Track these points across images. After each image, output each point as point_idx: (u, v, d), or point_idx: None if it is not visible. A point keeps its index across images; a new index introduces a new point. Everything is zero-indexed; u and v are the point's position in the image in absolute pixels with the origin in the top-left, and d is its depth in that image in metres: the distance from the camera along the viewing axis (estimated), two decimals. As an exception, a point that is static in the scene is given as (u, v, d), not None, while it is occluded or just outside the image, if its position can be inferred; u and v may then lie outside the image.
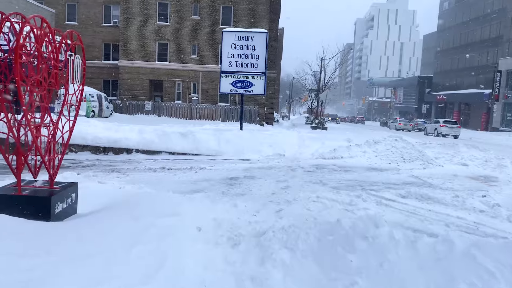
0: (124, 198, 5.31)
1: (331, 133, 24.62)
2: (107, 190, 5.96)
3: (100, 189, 6.02)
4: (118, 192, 5.77)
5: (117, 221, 3.88)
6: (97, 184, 6.45)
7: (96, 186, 6.14)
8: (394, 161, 13.22)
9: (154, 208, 4.60)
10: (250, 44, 15.10)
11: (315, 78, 39.24)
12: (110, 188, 6.23)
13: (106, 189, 6.05)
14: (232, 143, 13.26)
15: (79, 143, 12.68)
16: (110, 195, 5.61)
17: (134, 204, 4.79)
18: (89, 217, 4.14)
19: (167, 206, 4.75)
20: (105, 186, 6.28)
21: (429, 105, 66.71)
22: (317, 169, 10.95)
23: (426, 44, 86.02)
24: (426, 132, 37.19)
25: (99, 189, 5.95)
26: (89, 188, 6.04)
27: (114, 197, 5.46)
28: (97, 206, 4.91)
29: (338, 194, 7.49)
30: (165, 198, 5.24)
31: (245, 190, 7.64)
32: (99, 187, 6.12)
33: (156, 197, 5.41)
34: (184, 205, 5.01)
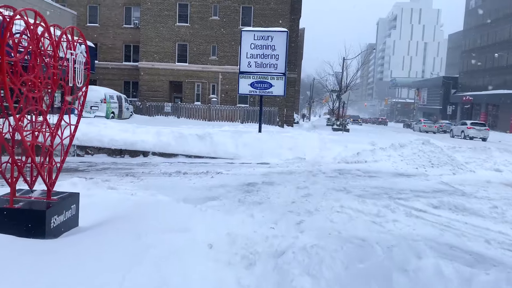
0: (131, 208, 4.91)
1: (354, 135, 23.91)
2: (115, 199, 5.58)
3: (108, 197, 5.65)
4: (126, 201, 5.38)
5: (117, 238, 3.47)
6: (106, 191, 6.08)
7: (104, 194, 5.77)
8: (422, 165, 12.52)
9: (162, 222, 4.17)
10: (270, 44, 14.62)
11: (337, 78, 38.43)
12: (119, 196, 5.85)
13: (114, 197, 5.67)
14: (250, 146, 12.81)
15: (96, 146, 12.47)
16: (117, 204, 5.22)
17: (141, 216, 4.38)
18: (87, 233, 3.74)
19: (176, 219, 4.32)
20: (114, 194, 5.90)
21: (454, 106, 64.78)
22: (339, 175, 10.38)
23: (452, 44, 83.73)
24: (452, 134, 35.91)
25: (107, 197, 5.58)
26: (97, 196, 5.68)
27: (121, 207, 5.07)
28: (101, 217, 4.52)
29: (363, 204, 6.92)
30: (175, 209, 4.81)
31: (263, 198, 7.16)
32: (107, 195, 5.75)
33: (166, 208, 4.99)
34: (196, 218, 4.57)
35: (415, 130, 45.87)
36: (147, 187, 7.74)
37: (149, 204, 5.35)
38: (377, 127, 56.01)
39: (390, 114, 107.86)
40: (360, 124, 56.01)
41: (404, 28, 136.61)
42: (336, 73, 38.67)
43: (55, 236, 3.61)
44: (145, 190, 7.43)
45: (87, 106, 22.44)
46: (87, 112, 22.23)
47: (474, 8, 64.64)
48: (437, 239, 5.43)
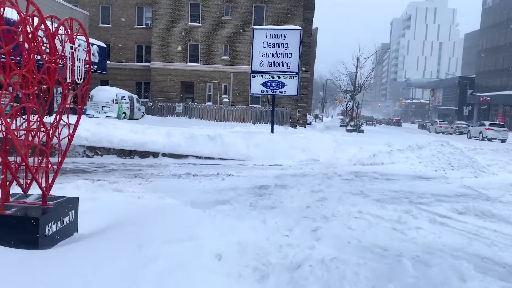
0: (136, 213, 4.59)
1: (368, 136, 23.37)
2: (120, 202, 5.28)
3: (113, 200, 5.34)
4: (131, 205, 5.07)
5: (117, 249, 3.15)
6: (112, 194, 5.78)
7: (109, 197, 5.47)
8: (441, 168, 12.01)
9: (167, 229, 3.84)
10: (283, 42, 14.22)
11: (351, 78, 37.82)
12: (124, 200, 5.55)
13: (119, 201, 5.37)
14: (262, 147, 12.44)
15: (105, 146, 12.25)
16: (122, 209, 4.91)
17: (145, 222, 4.05)
18: (85, 243, 3.43)
19: (183, 226, 3.98)
20: (119, 197, 5.60)
21: (471, 107, 63.45)
22: (356, 177, 9.95)
23: (468, 43, 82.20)
24: (469, 135, 35.02)
25: (112, 201, 5.27)
26: (102, 199, 5.38)
27: (126, 211, 4.76)
28: (103, 223, 4.21)
29: (383, 209, 6.51)
30: (182, 214, 4.48)
31: (275, 202, 6.79)
32: (113, 198, 5.44)
33: (172, 212, 4.66)
34: (203, 224, 4.22)
35: (431, 131, 44.94)
36: (155, 190, 7.44)
37: (155, 208, 5.02)
38: (391, 128, 55.10)
39: (404, 115, 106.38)
40: (374, 125, 55.15)
41: (418, 28, 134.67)
42: (350, 73, 38.06)
43: (50, 245, 3.30)
44: (153, 192, 7.13)
45: (98, 106, 22.36)
46: (99, 113, 22.14)
47: (491, 6, 63.25)
48: (466, 249, 5.01)
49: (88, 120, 13.66)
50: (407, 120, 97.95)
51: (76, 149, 12.19)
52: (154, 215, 4.46)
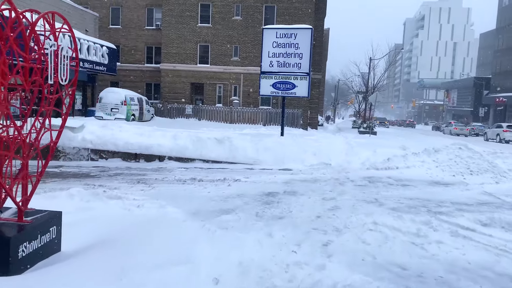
0: (129, 227, 4.21)
1: (382, 138, 22.75)
2: (115, 213, 4.90)
3: (107, 211, 4.97)
4: (126, 217, 4.69)
5: (99, 274, 2.75)
6: (107, 203, 5.41)
7: (104, 207, 5.10)
8: (459, 173, 11.44)
9: (160, 248, 3.44)
10: (293, 42, 13.76)
11: (363, 79, 37.13)
12: (120, 211, 5.17)
13: (114, 211, 4.99)
14: (271, 151, 12.01)
15: (110, 149, 11.95)
16: (116, 221, 4.54)
17: (136, 239, 3.66)
18: (65, 265, 3.05)
19: (179, 244, 3.58)
20: (115, 208, 5.23)
21: (486, 108, 62.05)
22: (369, 183, 9.45)
23: (483, 43, 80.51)
24: (486, 137, 34.06)
25: (106, 212, 4.90)
26: (96, 210, 5.02)
27: (119, 224, 4.38)
28: (91, 239, 3.83)
29: (400, 220, 6.02)
30: (180, 229, 4.08)
31: (284, 211, 6.35)
32: (108, 209, 5.07)
33: (169, 227, 4.26)
34: (202, 242, 3.82)
35: (445, 133, 43.99)
36: (158, 197, 7.06)
37: (151, 221, 4.63)
38: (404, 129, 54.18)
39: (418, 116, 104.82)
40: (387, 127, 54.27)
41: (432, 28, 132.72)
42: (363, 73, 37.37)
43: (23, 269, 2.92)
44: (155, 200, 6.75)
45: (107, 108, 22.17)
46: (107, 114, 21.95)
47: (507, 5, 61.83)
48: (494, 268, 4.51)
49: (94, 123, 13.40)
50: (421, 121, 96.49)
51: (80, 152, 11.91)
52: (148, 230, 4.06)
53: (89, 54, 22.05)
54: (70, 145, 11.87)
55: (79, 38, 21.10)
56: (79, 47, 20.98)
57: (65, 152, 11.89)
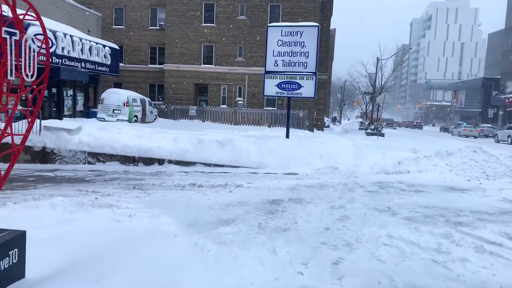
0: (112, 244, 3.69)
1: (390, 140, 22.09)
2: (99, 227, 4.38)
3: (91, 224, 4.45)
4: (111, 232, 4.17)
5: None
6: (92, 214, 4.89)
7: (89, 219, 4.59)
8: (474, 177, 10.83)
9: (143, 270, 2.89)
10: (299, 40, 13.20)
11: (371, 80, 36.45)
12: (106, 222, 4.65)
13: (99, 224, 4.47)
14: (276, 154, 11.46)
15: (108, 152, 11.47)
16: (99, 236, 4.01)
17: (117, 261, 3.14)
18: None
19: (166, 265, 3.04)
20: (100, 219, 4.71)
21: (496, 109, 61.02)
22: (380, 189, 8.88)
23: (491, 44, 79.31)
24: (497, 139, 33.22)
25: (90, 225, 4.38)
26: (79, 222, 4.50)
27: (102, 240, 3.86)
28: (65, 260, 3.31)
29: (417, 232, 5.45)
30: (169, 247, 3.55)
31: (288, 222, 5.80)
32: (92, 221, 4.56)
33: (158, 244, 3.73)
34: (192, 263, 3.28)
35: (454, 134, 43.10)
36: (153, 204, 6.54)
37: (140, 235, 4.10)
38: (411, 130, 53.33)
39: (425, 117, 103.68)
40: (394, 128, 53.38)
41: (439, 28, 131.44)
42: (370, 74, 36.68)
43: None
44: (149, 208, 6.23)
45: (109, 109, 21.76)
46: (109, 116, 21.53)
47: (517, 5, 60.80)
48: (529, 292, 3.93)
49: (92, 124, 12.93)
50: (428, 122, 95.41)
51: (77, 155, 11.45)
52: (133, 247, 3.53)
53: (91, 55, 21.66)
54: (67, 148, 11.41)
55: (81, 38, 20.71)
56: (81, 48, 20.60)
57: (61, 155, 11.43)
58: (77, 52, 20.33)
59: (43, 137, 11.49)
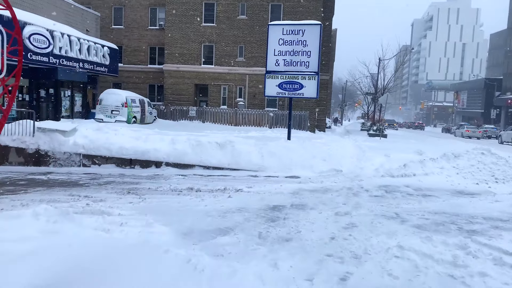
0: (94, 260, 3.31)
1: (393, 141, 21.72)
2: (84, 239, 4.01)
3: (76, 236, 4.08)
4: (95, 246, 3.79)
5: None
6: (78, 224, 4.51)
7: (73, 231, 4.21)
8: (483, 181, 10.45)
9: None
10: (301, 39, 12.82)
11: (373, 80, 36.05)
12: (93, 233, 4.28)
13: (83, 236, 4.10)
14: (277, 156, 11.08)
15: (103, 155, 11.10)
16: (81, 250, 3.64)
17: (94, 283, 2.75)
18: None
19: (151, 290, 2.66)
20: (86, 230, 4.33)
21: (498, 109, 60.58)
22: (386, 193, 8.49)
23: (494, 44, 78.89)
24: (501, 140, 32.81)
25: (75, 237, 4.01)
26: (62, 234, 4.12)
27: (85, 256, 3.49)
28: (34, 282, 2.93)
29: (429, 242, 5.07)
30: (159, 264, 3.17)
31: (291, 231, 5.41)
32: (77, 232, 4.18)
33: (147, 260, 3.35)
34: (185, 283, 2.89)
35: (457, 135, 42.71)
36: (146, 211, 6.18)
37: (127, 249, 3.73)
38: (413, 131, 52.89)
39: (426, 118, 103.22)
40: (396, 129, 52.96)
41: (440, 29, 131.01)
42: (372, 74, 36.27)
43: None
44: (142, 216, 5.87)
45: (107, 110, 21.40)
46: (108, 117, 21.17)
47: (519, 5, 60.36)
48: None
49: (88, 126, 12.57)
50: (429, 123, 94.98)
51: (72, 157, 11.08)
52: (117, 265, 3.16)
53: (89, 55, 21.32)
54: (61, 150, 11.04)
55: (79, 38, 20.36)
56: (79, 48, 20.25)
57: (56, 158, 11.06)
58: (75, 52, 19.99)
59: (37, 138, 11.13)
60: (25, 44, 16.94)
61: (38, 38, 17.64)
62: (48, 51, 18.12)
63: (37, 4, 20.17)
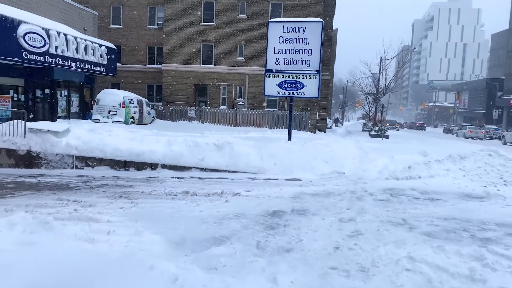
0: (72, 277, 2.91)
1: (396, 142, 21.32)
2: (63, 250, 3.61)
3: (54, 247, 3.69)
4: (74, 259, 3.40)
5: None
6: (59, 234, 4.12)
7: (52, 241, 3.83)
8: (491, 183, 10.03)
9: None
10: (302, 37, 12.42)
11: (374, 80, 35.65)
12: (74, 244, 3.89)
13: (64, 247, 3.71)
14: (277, 158, 10.68)
15: (97, 156, 10.71)
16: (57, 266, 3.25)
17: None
18: None
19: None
20: (68, 240, 3.94)
21: (500, 110, 60.14)
22: (391, 197, 8.09)
23: (495, 44, 78.49)
24: (504, 141, 32.40)
25: (51, 249, 3.62)
26: (38, 245, 3.73)
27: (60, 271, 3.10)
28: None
29: (442, 252, 4.67)
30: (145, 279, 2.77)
31: (292, 240, 5.02)
32: (55, 243, 3.79)
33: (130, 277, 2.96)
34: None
35: (459, 136, 42.32)
36: (137, 218, 5.79)
37: (108, 267, 3.32)
38: (414, 132, 52.48)
39: (427, 119, 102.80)
40: (397, 130, 52.56)
41: (441, 29, 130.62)
42: (374, 74, 35.88)
43: None
44: (132, 222, 5.49)
45: (104, 110, 21.03)
46: (105, 117, 20.79)
47: (521, 4, 59.92)
48: None
49: (82, 126, 12.18)
50: (430, 124, 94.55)
51: (64, 159, 10.69)
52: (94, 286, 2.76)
53: (86, 54, 20.93)
54: (53, 152, 10.65)
55: (75, 37, 19.98)
56: (76, 47, 19.88)
57: (48, 159, 10.67)
58: (71, 51, 19.60)
59: (28, 139, 10.74)
60: (20, 43, 16.57)
61: (33, 37, 17.27)
62: (43, 50, 17.74)
63: (32, 2, 19.80)
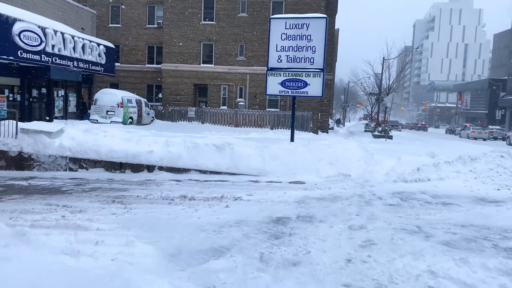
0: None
1: (400, 143, 20.80)
2: (39, 269, 3.15)
3: (29, 263, 3.23)
4: (51, 279, 2.93)
5: None
6: (37, 247, 3.66)
7: (28, 256, 3.37)
8: (504, 186, 9.59)
9: None
10: (305, 34, 11.95)
11: (377, 80, 35.17)
12: (53, 259, 3.42)
13: (41, 263, 3.25)
14: (280, 160, 10.21)
15: (92, 158, 10.24)
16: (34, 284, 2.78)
17: None
18: None
19: None
20: (48, 255, 3.48)
21: (503, 110, 59.62)
22: (402, 201, 7.62)
23: (497, 44, 77.94)
24: (509, 141, 31.90)
25: (25, 266, 3.16)
26: (11, 261, 3.28)
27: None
28: None
29: (465, 265, 4.20)
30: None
31: (299, 252, 4.54)
32: (31, 258, 3.33)
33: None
34: None
35: (462, 136, 41.80)
36: (130, 225, 5.34)
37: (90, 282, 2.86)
38: (416, 132, 51.93)
39: (429, 119, 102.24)
40: (400, 130, 52.05)
41: (442, 30, 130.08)
42: (377, 74, 35.40)
43: None
44: (124, 231, 5.04)
45: (102, 110, 20.58)
46: (103, 117, 20.34)
47: (524, 4, 59.36)
48: None
49: (76, 127, 11.72)
50: (432, 124, 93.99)
51: (57, 161, 10.22)
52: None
53: (84, 53, 20.47)
54: (46, 153, 10.19)
55: (73, 36, 19.53)
56: (73, 46, 19.43)
57: (40, 161, 10.21)
58: (68, 50, 19.15)
59: (20, 140, 10.28)
60: (15, 42, 16.14)
61: (29, 35, 16.83)
62: (40, 49, 17.30)
63: (29, 0, 19.37)
